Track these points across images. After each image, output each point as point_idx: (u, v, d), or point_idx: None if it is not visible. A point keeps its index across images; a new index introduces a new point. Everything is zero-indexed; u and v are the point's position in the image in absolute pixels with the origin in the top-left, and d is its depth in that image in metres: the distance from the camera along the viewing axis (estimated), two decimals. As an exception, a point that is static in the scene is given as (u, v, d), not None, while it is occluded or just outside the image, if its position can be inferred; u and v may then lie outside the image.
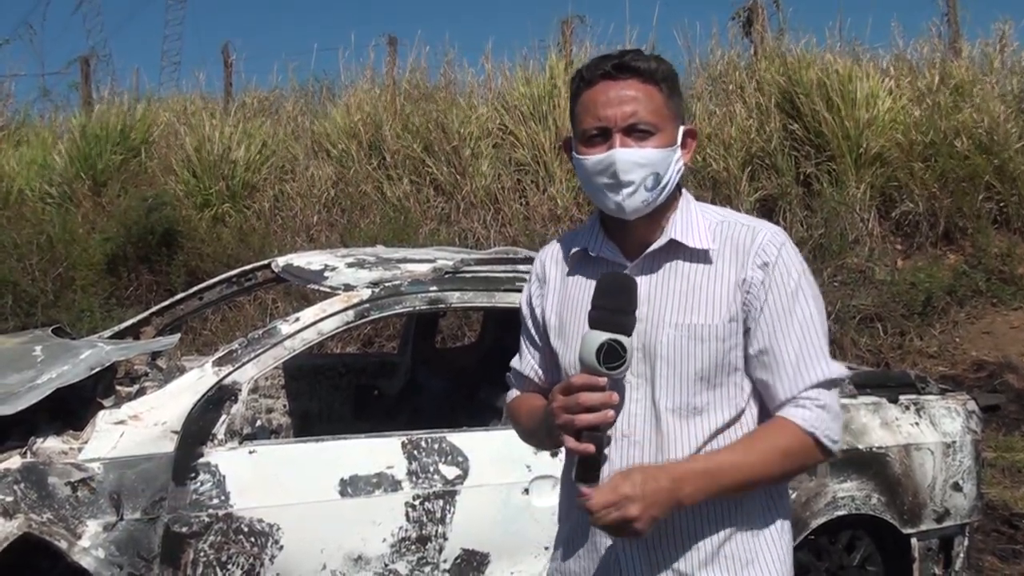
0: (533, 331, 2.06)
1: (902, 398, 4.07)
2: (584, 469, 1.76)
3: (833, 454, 1.85)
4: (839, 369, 1.85)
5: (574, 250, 1.97)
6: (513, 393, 2.13)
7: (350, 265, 3.89)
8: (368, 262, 3.93)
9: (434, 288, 3.66)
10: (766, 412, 1.88)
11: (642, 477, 1.71)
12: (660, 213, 1.88)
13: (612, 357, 1.70)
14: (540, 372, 2.05)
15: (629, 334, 1.73)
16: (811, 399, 1.81)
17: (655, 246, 1.87)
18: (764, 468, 1.79)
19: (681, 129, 1.88)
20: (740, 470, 1.77)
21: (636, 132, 1.81)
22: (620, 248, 1.91)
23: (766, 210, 9.21)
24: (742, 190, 9.21)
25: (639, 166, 1.80)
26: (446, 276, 3.72)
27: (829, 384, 1.83)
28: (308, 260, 4.19)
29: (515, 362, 2.11)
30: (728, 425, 1.84)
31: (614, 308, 1.74)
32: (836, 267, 8.61)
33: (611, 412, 1.72)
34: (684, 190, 1.94)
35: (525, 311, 2.08)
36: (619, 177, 1.80)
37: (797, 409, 1.80)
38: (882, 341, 8.02)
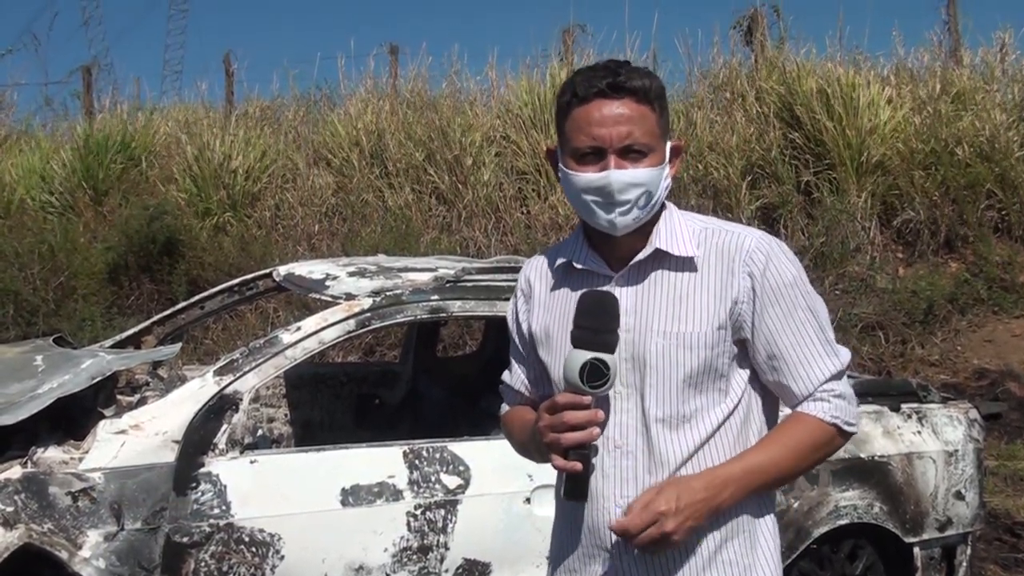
0: (520, 346, 2.07)
1: (904, 407, 4.07)
2: (572, 486, 1.77)
3: (852, 435, 1.90)
4: (846, 355, 1.90)
5: (559, 263, 1.97)
6: (505, 407, 2.14)
7: (351, 274, 3.89)
8: (369, 271, 3.93)
9: (435, 297, 3.67)
10: (755, 415, 1.90)
11: (676, 491, 1.74)
12: (645, 225, 1.88)
13: (595, 376, 1.71)
14: (529, 386, 2.06)
15: (612, 352, 1.74)
16: (827, 391, 1.85)
17: (640, 256, 1.88)
18: (796, 463, 1.84)
19: (669, 145, 1.88)
20: (776, 467, 1.81)
21: (631, 153, 1.81)
22: (605, 260, 1.92)
23: (767, 219, 9.21)
24: (743, 199, 9.22)
25: (633, 187, 1.81)
26: (447, 285, 3.72)
27: (839, 375, 1.87)
28: (309, 269, 4.19)
29: (506, 376, 2.12)
30: (716, 430, 1.85)
31: (596, 327, 1.75)
32: (837, 275, 8.61)
33: (596, 430, 1.73)
34: (666, 201, 1.94)
35: (512, 326, 2.09)
36: (614, 198, 1.80)
37: (817, 403, 1.85)
38: (884, 349, 8.02)
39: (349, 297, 3.63)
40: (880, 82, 9.92)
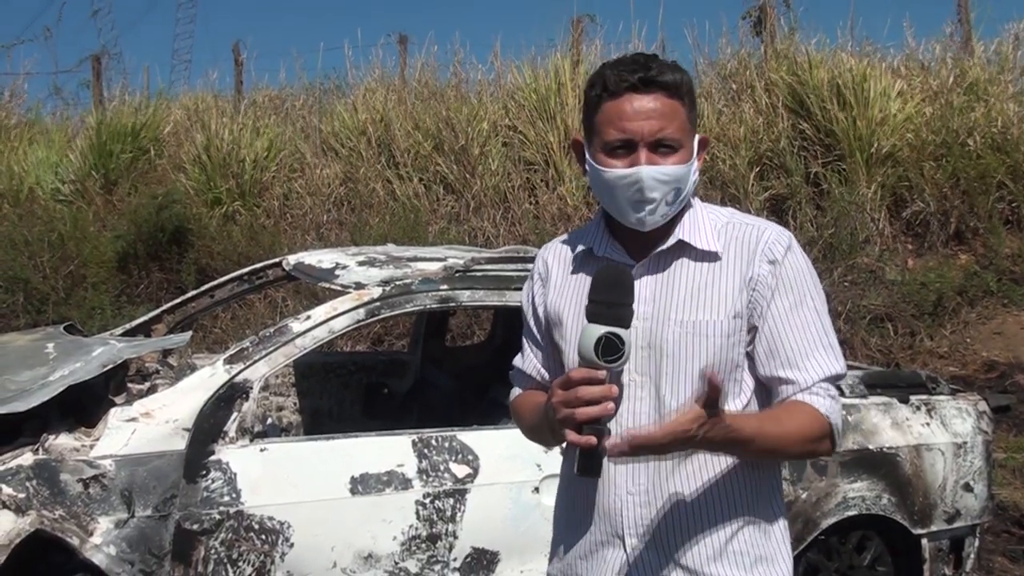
0: (535, 329, 2.06)
1: (913, 398, 4.07)
2: (586, 462, 1.75)
3: (835, 451, 1.88)
4: (844, 366, 1.90)
5: (579, 249, 1.97)
6: (516, 391, 2.13)
7: (361, 263, 3.90)
8: (379, 260, 3.94)
9: (444, 287, 3.67)
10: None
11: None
12: None
13: (610, 350, 1.70)
14: (543, 371, 2.06)
15: (627, 327, 1.73)
16: (824, 389, 1.84)
17: (663, 247, 1.88)
18: (783, 443, 1.81)
19: (696, 139, 1.88)
20: (763, 437, 1.77)
21: (661, 147, 1.81)
22: (625, 249, 1.92)
23: (775, 210, 9.18)
24: (750, 189, 9.19)
25: (663, 183, 1.80)
26: (456, 275, 3.73)
27: (836, 379, 1.87)
28: (319, 258, 4.20)
29: (517, 360, 2.11)
30: None
31: (610, 301, 1.73)
32: (846, 267, 8.58)
33: (611, 404, 1.71)
34: None
35: (527, 309, 2.08)
36: (644, 194, 1.80)
37: (814, 397, 1.84)
38: (892, 341, 8.00)
39: (359, 286, 3.64)
40: (891, 73, 9.87)
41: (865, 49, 10.36)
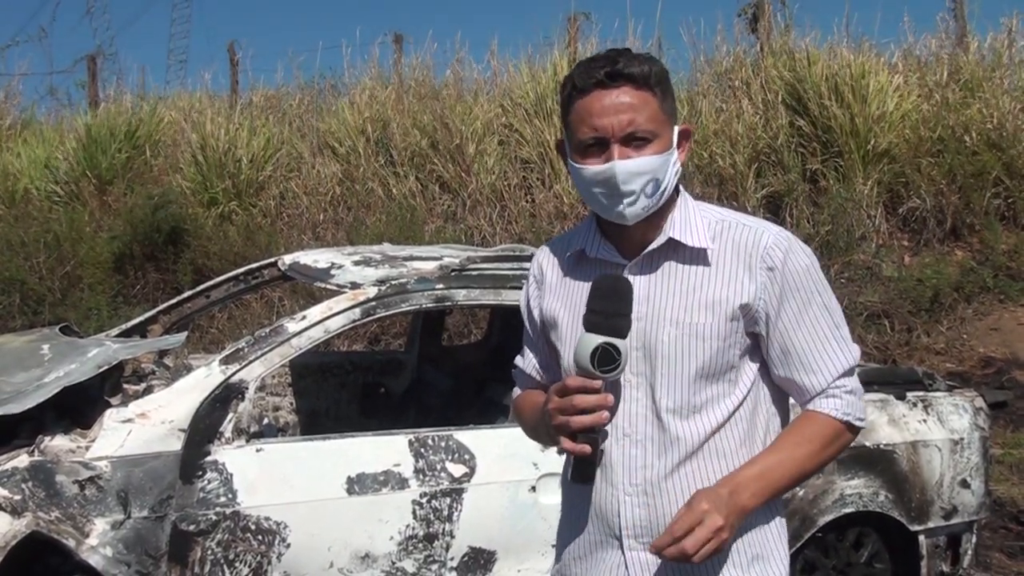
0: (532, 332, 2.07)
1: (909, 395, 4.07)
2: (580, 469, 1.78)
3: (861, 429, 1.91)
4: (857, 352, 1.91)
5: (571, 251, 1.97)
6: (517, 391, 2.15)
7: (357, 263, 3.90)
8: (374, 260, 3.93)
9: (441, 286, 3.67)
10: (763, 406, 1.90)
11: (705, 496, 1.73)
12: (659, 213, 1.87)
13: (606, 360, 1.71)
14: (541, 371, 2.07)
15: (624, 337, 1.74)
16: (839, 387, 1.86)
17: (653, 246, 1.87)
18: (810, 461, 1.83)
19: (676, 130, 1.86)
20: (791, 467, 1.81)
21: (634, 140, 1.79)
22: (617, 248, 1.91)
23: (773, 207, 9.19)
24: (748, 187, 9.19)
25: (638, 175, 1.79)
26: (452, 274, 3.72)
27: (852, 370, 1.88)
28: (315, 258, 4.19)
29: (518, 360, 2.13)
30: (726, 421, 1.85)
31: (608, 311, 1.74)
32: (843, 264, 8.59)
33: (606, 414, 1.73)
34: (682, 189, 1.93)
35: (524, 312, 2.09)
36: (619, 188, 1.79)
37: (829, 400, 1.85)
38: (889, 338, 8.00)
39: (354, 286, 3.63)
40: (888, 69, 9.87)
41: (862, 45, 10.37)
